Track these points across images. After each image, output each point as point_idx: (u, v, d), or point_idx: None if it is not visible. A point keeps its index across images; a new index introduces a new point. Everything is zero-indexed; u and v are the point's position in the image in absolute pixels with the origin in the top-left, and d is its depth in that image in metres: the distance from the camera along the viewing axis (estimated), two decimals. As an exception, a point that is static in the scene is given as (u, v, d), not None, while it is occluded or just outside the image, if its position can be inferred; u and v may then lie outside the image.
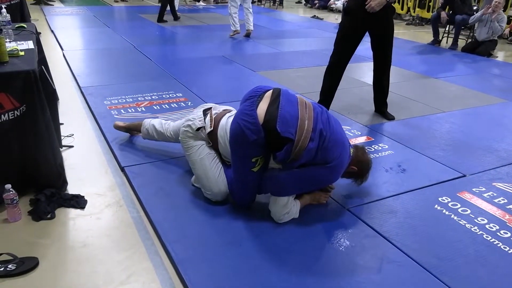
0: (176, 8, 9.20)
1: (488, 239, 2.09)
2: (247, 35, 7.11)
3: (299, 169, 2.02)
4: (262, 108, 2.02)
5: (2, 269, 1.75)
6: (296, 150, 1.94)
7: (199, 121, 2.32)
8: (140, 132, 2.87)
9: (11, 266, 1.76)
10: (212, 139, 2.28)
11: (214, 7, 11.28)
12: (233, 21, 6.91)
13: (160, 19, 8.24)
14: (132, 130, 2.98)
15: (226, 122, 2.25)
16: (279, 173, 2.07)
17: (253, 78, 4.76)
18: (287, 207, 2.10)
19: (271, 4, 12.37)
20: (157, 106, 3.64)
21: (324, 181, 2.18)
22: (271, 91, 2.13)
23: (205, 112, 2.38)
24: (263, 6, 12.46)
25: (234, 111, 2.36)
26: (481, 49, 6.53)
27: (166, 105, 3.68)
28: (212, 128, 2.26)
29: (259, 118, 1.98)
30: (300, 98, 2.14)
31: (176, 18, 8.62)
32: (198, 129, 2.29)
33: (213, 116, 2.32)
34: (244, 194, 2.18)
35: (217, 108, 2.42)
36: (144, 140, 2.93)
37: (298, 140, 1.94)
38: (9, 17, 2.82)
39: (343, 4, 9.16)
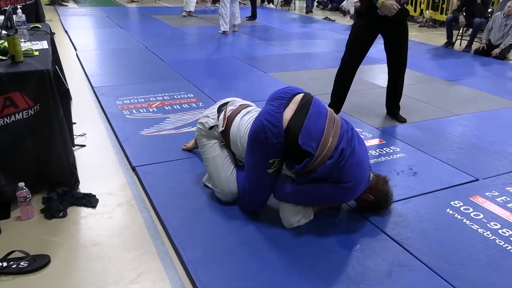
0: (192, 10, 9.24)
1: (501, 244, 2.07)
2: (234, 30, 7.51)
3: (313, 184, 1.96)
4: (288, 113, 1.94)
5: (14, 266, 1.77)
6: (314, 164, 1.89)
7: (212, 119, 2.29)
8: None
9: (23, 263, 1.78)
10: (225, 137, 2.27)
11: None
12: (223, 22, 7.29)
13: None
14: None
15: (240, 121, 2.20)
16: (291, 185, 2.02)
17: (264, 79, 4.76)
18: (297, 216, 2.09)
19: (283, 5, 12.36)
20: (169, 107, 3.66)
21: (336, 201, 2.16)
22: (301, 95, 2.03)
23: (221, 108, 2.34)
24: (274, 7, 12.45)
25: (252, 108, 2.32)
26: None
27: (177, 106, 3.70)
28: (223, 128, 2.24)
29: (284, 123, 1.92)
30: (330, 112, 2.04)
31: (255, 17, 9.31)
32: (211, 127, 2.28)
33: (227, 114, 2.27)
34: (253, 197, 2.13)
35: (235, 103, 2.36)
36: (154, 140, 2.95)
37: (318, 156, 1.87)
38: (24, 17, 2.86)
39: (354, 6, 9.13)
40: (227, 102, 2.37)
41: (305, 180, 1.97)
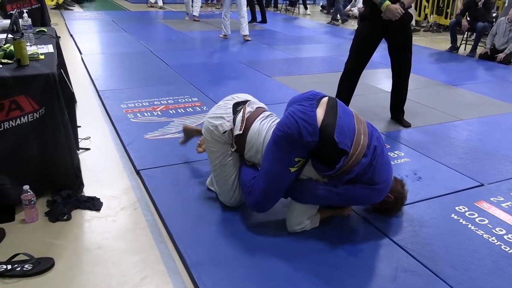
0: (197, 14, 9.24)
1: (506, 250, 2.05)
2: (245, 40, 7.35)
3: (343, 187, 1.93)
4: (320, 112, 1.91)
5: (18, 269, 1.77)
6: (348, 163, 1.86)
7: (228, 121, 2.12)
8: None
9: (27, 266, 1.78)
10: (239, 142, 2.13)
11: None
12: (223, 26, 7.37)
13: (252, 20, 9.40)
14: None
15: (260, 126, 2.09)
16: (322, 187, 1.97)
17: (268, 83, 4.76)
18: (302, 224, 2.08)
19: (287, 10, 12.39)
20: (173, 111, 3.67)
21: (364, 202, 2.14)
22: (326, 98, 2.02)
23: (236, 107, 2.19)
24: (279, 12, 12.49)
25: (270, 113, 2.23)
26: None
27: (181, 110, 3.70)
28: (241, 132, 2.10)
29: (318, 121, 1.88)
30: (355, 112, 2.04)
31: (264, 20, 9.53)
32: (225, 131, 2.11)
33: (246, 116, 2.13)
34: (268, 195, 2.02)
35: (252, 105, 2.21)
36: (159, 144, 2.95)
37: (353, 154, 1.85)
38: (30, 21, 2.88)
39: (359, 11, 9.14)
40: (243, 102, 2.23)
41: (339, 183, 1.93)
